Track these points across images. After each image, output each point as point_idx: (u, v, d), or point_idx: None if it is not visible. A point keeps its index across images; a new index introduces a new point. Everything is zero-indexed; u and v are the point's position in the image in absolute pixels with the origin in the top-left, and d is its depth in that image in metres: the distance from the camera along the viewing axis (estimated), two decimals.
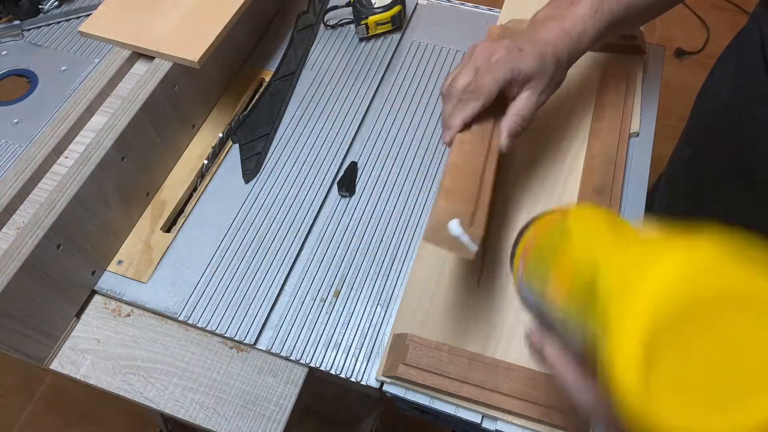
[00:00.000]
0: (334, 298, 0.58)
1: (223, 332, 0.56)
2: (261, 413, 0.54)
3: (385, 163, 0.67)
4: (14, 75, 0.75)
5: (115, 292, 0.59)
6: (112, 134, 0.56)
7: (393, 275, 0.59)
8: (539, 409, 0.49)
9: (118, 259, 0.61)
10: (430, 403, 0.52)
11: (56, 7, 0.82)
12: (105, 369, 0.56)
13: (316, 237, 0.62)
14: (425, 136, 0.69)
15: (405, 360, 0.51)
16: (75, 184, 0.53)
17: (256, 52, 0.77)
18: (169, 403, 0.54)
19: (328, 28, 0.79)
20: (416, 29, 0.79)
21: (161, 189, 0.65)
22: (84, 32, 0.61)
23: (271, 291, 0.58)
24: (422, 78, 0.74)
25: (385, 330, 0.56)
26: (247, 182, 0.66)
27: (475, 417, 0.51)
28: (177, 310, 0.57)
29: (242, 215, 0.63)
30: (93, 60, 0.76)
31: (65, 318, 0.57)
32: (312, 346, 0.56)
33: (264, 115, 0.70)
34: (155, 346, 0.57)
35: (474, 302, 0.56)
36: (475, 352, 0.52)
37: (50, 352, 0.56)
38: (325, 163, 0.67)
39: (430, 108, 0.71)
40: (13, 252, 0.49)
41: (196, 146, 0.69)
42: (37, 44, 0.78)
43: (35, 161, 0.54)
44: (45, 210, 0.52)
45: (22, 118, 0.71)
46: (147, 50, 0.60)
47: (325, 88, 0.73)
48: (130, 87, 0.60)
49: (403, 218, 0.63)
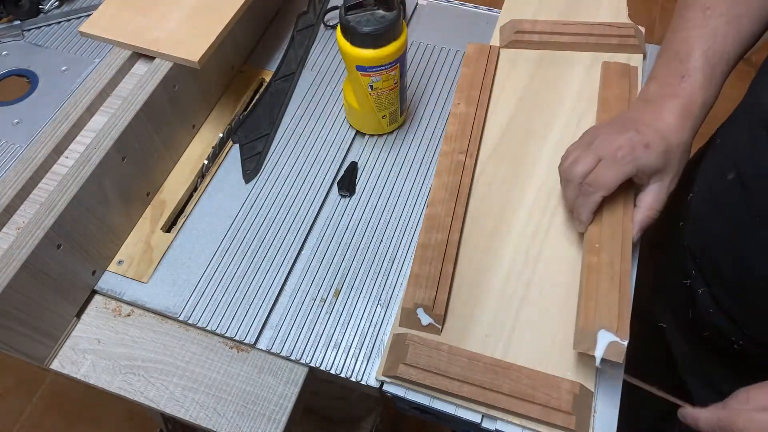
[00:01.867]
0: (334, 298, 0.58)
1: (223, 332, 0.56)
2: (261, 413, 0.54)
3: (385, 163, 0.67)
4: (15, 75, 0.75)
5: (115, 292, 0.59)
6: (112, 134, 0.56)
7: (393, 275, 0.59)
8: (539, 409, 0.49)
9: (118, 259, 0.61)
10: (430, 403, 0.52)
11: (56, 8, 0.82)
12: (105, 369, 0.56)
13: (316, 237, 0.62)
14: (425, 136, 0.69)
15: (405, 360, 0.51)
16: (75, 184, 0.53)
17: (256, 52, 0.77)
18: (169, 403, 0.54)
19: (328, 28, 0.79)
20: (416, 29, 0.79)
21: (161, 189, 0.65)
22: (84, 32, 0.61)
23: (271, 291, 0.58)
24: (422, 78, 0.74)
25: (385, 330, 0.56)
26: (247, 182, 0.66)
27: (475, 417, 0.51)
28: (177, 310, 0.57)
29: (242, 215, 0.63)
30: (93, 60, 0.76)
31: (65, 318, 0.57)
32: (312, 346, 0.56)
33: (264, 115, 0.70)
34: (155, 346, 0.57)
35: (474, 302, 0.56)
36: (475, 352, 0.52)
37: (50, 352, 0.56)
38: (325, 163, 0.67)
39: (430, 108, 0.71)
40: (13, 252, 0.49)
41: (196, 146, 0.69)
42: (37, 44, 0.78)
43: (35, 161, 0.54)
44: (45, 210, 0.52)
45: (22, 118, 0.71)
46: (147, 50, 0.60)
47: (325, 88, 0.73)
48: (130, 87, 0.60)
49: (403, 218, 0.63)
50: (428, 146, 0.68)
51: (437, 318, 0.54)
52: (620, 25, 0.71)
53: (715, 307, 0.59)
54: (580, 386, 0.50)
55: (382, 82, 0.60)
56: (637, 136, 0.51)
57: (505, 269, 0.58)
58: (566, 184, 0.54)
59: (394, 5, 0.55)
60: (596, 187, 0.51)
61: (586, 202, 0.52)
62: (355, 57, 0.57)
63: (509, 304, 0.56)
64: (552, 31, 0.72)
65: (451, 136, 0.65)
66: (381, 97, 0.62)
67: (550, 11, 0.75)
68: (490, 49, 0.72)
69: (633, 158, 0.50)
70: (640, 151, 0.50)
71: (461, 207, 0.60)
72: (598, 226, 0.54)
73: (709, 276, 0.60)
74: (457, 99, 0.68)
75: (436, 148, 0.68)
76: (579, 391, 0.50)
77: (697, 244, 0.61)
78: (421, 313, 0.54)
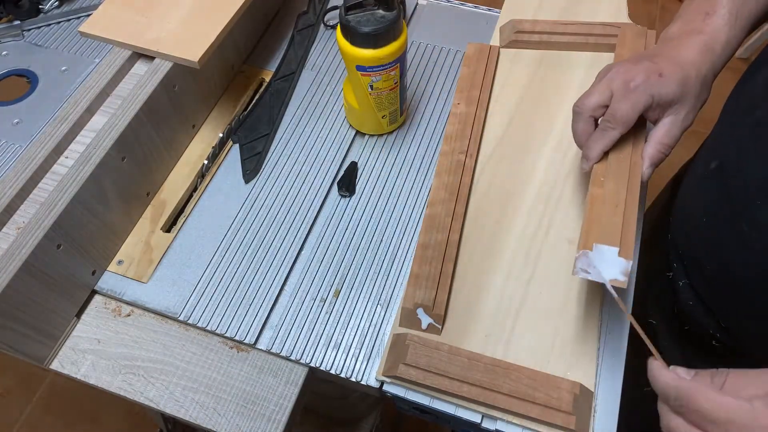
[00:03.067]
0: (334, 298, 0.58)
1: (223, 332, 0.56)
2: (261, 413, 0.54)
3: (385, 163, 0.67)
4: (14, 75, 0.75)
5: (115, 292, 0.59)
6: (112, 134, 0.56)
7: (393, 275, 0.59)
8: (539, 409, 0.49)
9: (118, 259, 0.61)
10: (430, 403, 0.52)
11: (56, 7, 0.82)
12: (105, 369, 0.56)
13: (316, 237, 0.62)
14: (425, 136, 0.69)
15: (405, 360, 0.51)
16: (75, 184, 0.53)
17: (256, 52, 0.77)
18: (169, 403, 0.54)
19: (328, 28, 0.79)
20: (416, 29, 0.79)
21: (161, 189, 0.65)
22: (84, 32, 0.61)
23: (271, 291, 0.58)
24: (422, 78, 0.74)
25: (385, 330, 0.56)
26: (247, 182, 0.66)
27: (474, 417, 0.51)
28: (177, 310, 0.57)
29: (242, 215, 0.63)
30: (93, 60, 0.76)
31: (65, 318, 0.57)
32: (312, 346, 0.56)
33: (264, 115, 0.70)
34: (155, 346, 0.57)
35: (474, 302, 0.56)
36: (475, 352, 0.52)
37: (50, 352, 0.56)
38: (325, 163, 0.67)
39: (430, 108, 0.71)
40: (14, 252, 0.49)
41: (196, 146, 0.69)
42: (37, 44, 0.78)
43: (35, 161, 0.54)
44: (45, 210, 0.52)
45: (22, 118, 0.71)
46: (147, 50, 0.60)
47: (325, 88, 0.73)
48: (130, 87, 0.60)
49: (403, 218, 0.63)
50: (428, 146, 0.68)
51: (437, 318, 0.54)
52: (620, 26, 0.71)
53: (695, 299, 0.59)
54: (580, 386, 0.50)
55: (382, 82, 0.60)
56: (652, 65, 0.49)
57: (505, 269, 0.58)
58: (577, 117, 0.51)
59: (394, 5, 0.55)
60: (615, 122, 0.49)
61: (602, 138, 0.50)
62: (355, 57, 0.57)
63: (509, 304, 0.56)
64: (552, 31, 0.72)
65: (451, 136, 0.65)
66: (381, 97, 0.62)
67: (550, 11, 0.75)
68: (490, 49, 0.72)
69: (647, 87, 0.48)
70: (655, 79, 0.48)
71: (461, 207, 0.60)
72: (605, 163, 0.52)
73: (689, 267, 0.60)
74: (457, 99, 0.68)
75: (436, 148, 0.68)
76: (579, 391, 0.50)
77: (680, 235, 0.62)
78: (421, 313, 0.54)
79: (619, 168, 0.51)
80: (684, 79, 0.49)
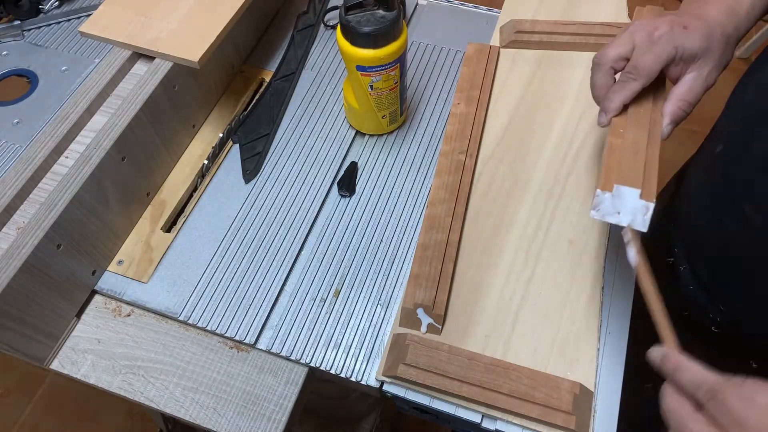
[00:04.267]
0: (334, 298, 0.58)
1: (223, 332, 0.56)
2: (261, 413, 0.54)
3: (385, 163, 0.67)
4: (14, 75, 0.75)
5: (115, 292, 0.59)
6: (112, 134, 0.56)
7: (393, 275, 0.59)
8: (539, 409, 0.49)
9: (118, 259, 0.61)
10: (430, 403, 0.52)
11: (56, 7, 0.82)
12: (105, 369, 0.56)
13: (316, 237, 0.62)
14: (425, 136, 0.69)
15: (405, 360, 0.51)
16: (75, 184, 0.53)
17: (256, 52, 0.77)
18: (169, 403, 0.54)
19: (328, 28, 0.79)
20: (416, 29, 0.79)
21: (161, 189, 0.65)
22: (84, 32, 0.61)
23: (271, 291, 0.58)
24: (422, 78, 0.74)
25: (385, 330, 0.56)
26: (247, 182, 0.66)
27: (474, 417, 0.51)
28: (177, 310, 0.57)
29: (242, 215, 0.63)
30: (93, 60, 0.76)
31: (65, 318, 0.57)
32: (312, 346, 0.56)
33: (264, 115, 0.70)
34: (155, 346, 0.57)
35: (474, 302, 0.56)
36: (475, 352, 0.52)
37: (50, 352, 0.56)
38: (325, 163, 0.67)
39: (430, 108, 0.71)
40: (13, 252, 0.49)
41: (196, 146, 0.69)
42: (37, 44, 0.78)
43: (35, 161, 0.54)
44: (45, 210, 0.52)
45: (22, 118, 0.71)
46: (147, 50, 0.60)
47: (325, 88, 0.73)
48: (130, 87, 0.60)
49: (403, 218, 0.63)
50: (428, 146, 0.68)
51: (437, 318, 0.54)
52: (620, 25, 0.71)
53: (695, 283, 0.59)
54: (580, 386, 0.50)
55: (382, 82, 0.60)
56: (675, 18, 0.48)
57: (505, 269, 0.58)
58: (597, 68, 0.49)
59: (394, 5, 0.55)
60: (636, 73, 0.47)
61: (622, 89, 0.48)
62: (355, 57, 0.57)
63: (509, 304, 0.56)
64: (552, 31, 0.72)
65: (451, 136, 0.65)
66: (381, 97, 0.62)
67: (550, 11, 0.75)
68: (490, 49, 0.72)
69: (671, 37, 0.46)
70: (679, 30, 0.47)
71: (461, 207, 0.60)
72: (624, 117, 0.49)
73: (691, 251, 0.60)
74: (457, 99, 0.68)
75: (436, 148, 0.68)
76: (579, 391, 0.50)
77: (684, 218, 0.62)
78: (421, 314, 0.54)
79: (639, 121, 0.49)
80: (709, 34, 0.48)
